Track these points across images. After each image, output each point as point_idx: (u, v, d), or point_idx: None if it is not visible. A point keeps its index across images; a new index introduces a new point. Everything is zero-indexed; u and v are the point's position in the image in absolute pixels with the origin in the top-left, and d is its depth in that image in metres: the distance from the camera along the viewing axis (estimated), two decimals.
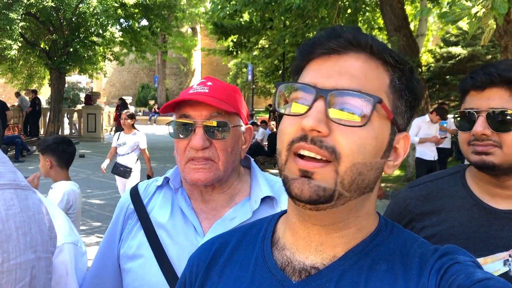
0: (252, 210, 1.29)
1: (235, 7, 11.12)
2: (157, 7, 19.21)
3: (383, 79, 0.75)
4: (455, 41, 21.05)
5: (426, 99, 9.88)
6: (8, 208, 0.88)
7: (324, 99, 0.71)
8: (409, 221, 1.41)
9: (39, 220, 1.00)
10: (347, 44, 0.74)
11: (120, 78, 43.29)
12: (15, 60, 18.68)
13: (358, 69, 0.73)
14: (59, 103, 18.84)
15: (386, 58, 0.75)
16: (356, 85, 0.72)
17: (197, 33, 36.41)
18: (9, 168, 0.96)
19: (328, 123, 0.70)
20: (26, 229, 0.92)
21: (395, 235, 0.79)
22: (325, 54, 0.76)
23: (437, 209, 1.37)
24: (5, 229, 0.85)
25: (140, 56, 22.01)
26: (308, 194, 0.70)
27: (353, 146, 0.70)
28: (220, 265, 0.88)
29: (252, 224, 0.93)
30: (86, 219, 7.44)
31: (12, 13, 14.46)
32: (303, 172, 0.71)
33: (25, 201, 0.95)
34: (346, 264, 0.75)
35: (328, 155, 0.70)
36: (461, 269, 0.70)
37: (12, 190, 0.91)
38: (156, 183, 1.39)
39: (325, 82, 0.73)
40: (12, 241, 0.86)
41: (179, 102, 1.26)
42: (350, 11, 12.02)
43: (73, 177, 11.41)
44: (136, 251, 1.31)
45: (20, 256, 0.88)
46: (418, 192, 1.43)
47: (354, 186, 0.72)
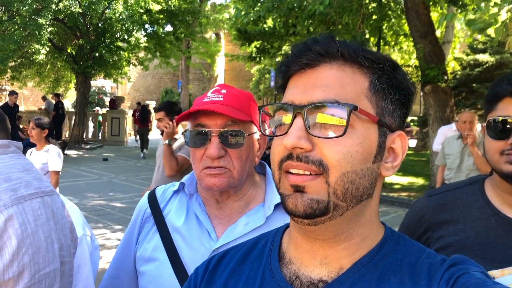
0: (266, 216, 1.30)
1: (259, 13, 11.13)
2: (181, 13, 19.46)
3: (361, 83, 0.75)
4: (482, 48, 20.66)
5: (452, 107, 9.68)
6: (37, 219, 0.88)
7: (302, 115, 0.71)
8: (425, 230, 1.39)
9: (63, 224, 1.01)
10: (317, 57, 0.74)
11: (144, 83, 43.87)
12: (43, 65, 19.11)
13: (332, 79, 0.73)
14: (84, 106, 19.17)
15: (360, 61, 0.75)
16: (332, 95, 0.72)
17: (221, 39, 36.68)
18: (33, 175, 0.96)
19: (309, 138, 0.71)
20: (53, 237, 0.93)
21: (402, 246, 0.78)
22: (299, 69, 0.76)
23: (454, 219, 1.35)
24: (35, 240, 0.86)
25: (164, 61, 22.30)
26: (302, 208, 0.71)
27: (338, 156, 0.70)
28: (224, 277, 0.87)
29: (257, 238, 0.93)
30: (108, 222, 7.51)
31: (41, 19, 14.81)
32: (295, 187, 0.72)
33: (51, 208, 0.95)
34: (354, 276, 0.74)
35: (316, 169, 0.70)
36: (470, 279, 0.69)
37: (39, 199, 0.92)
38: (173, 188, 1.42)
39: (301, 98, 0.73)
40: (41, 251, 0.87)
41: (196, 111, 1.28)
42: (375, 17, 11.91)
43: (96, 180, 11.69)
44: (152, 254, 1.33)
45: (50, 265, 0.89)
46: (436, 201, 1.41)
47: (349, 195, 0.72)
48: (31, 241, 0.84)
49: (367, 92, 0.74)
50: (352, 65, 0.75)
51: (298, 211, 0.71)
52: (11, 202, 0.83)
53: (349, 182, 0.71)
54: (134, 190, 10.23)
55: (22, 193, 0.87)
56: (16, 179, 0.89)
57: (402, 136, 0.77)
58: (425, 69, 9.29)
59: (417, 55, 9.90)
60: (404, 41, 15.10)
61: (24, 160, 0.98)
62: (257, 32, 13.76)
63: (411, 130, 22.99)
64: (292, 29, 11.87)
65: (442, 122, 9.24)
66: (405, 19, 10.45)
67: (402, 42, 15.12)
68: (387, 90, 0.76)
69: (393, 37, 14.13)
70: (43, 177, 1.00)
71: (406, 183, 11.99)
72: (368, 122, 0.73)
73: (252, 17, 11.80)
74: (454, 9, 11.16)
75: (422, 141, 20.23)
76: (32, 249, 0.84)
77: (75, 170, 12.87)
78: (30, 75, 20.94)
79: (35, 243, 0.85)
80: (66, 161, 14.57)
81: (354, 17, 10.88)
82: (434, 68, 9.12)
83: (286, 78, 0.79)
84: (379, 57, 0.76)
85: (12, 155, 0.95)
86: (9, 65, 17.07)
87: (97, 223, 7.44)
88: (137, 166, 14.08)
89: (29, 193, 0.89)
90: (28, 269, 0.82)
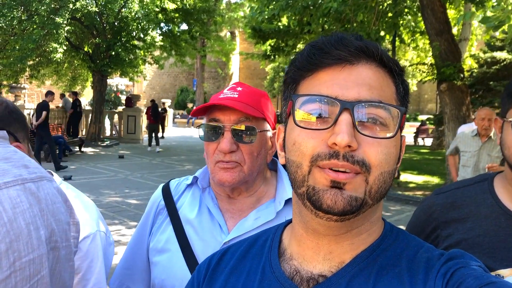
0: (276, 211, 1.32)
1: (273, 11, 11.14)
2: (196, 11, 19.56)
3: (392, 88, 0.76)
4: (500, 45, 20.36)
5: (468, 105, 9.57)
6: (15, 206, 0.87)
7: (351, 112, 0.69)
8: (434, 229, 1.38)
9: (55, 210, 0.99)
10: (359, 53, 0.73)
11: (160, 81, 44.17)
12: (60, 63, 19.36)
13: (374, 79, 0.73)
14: (101, 105, 19.40)
15: (392, 67, 0.76)
16: (376, 96, 0.72)
17: (236, 37, 36.74)
18: (14, 163, 0.95)
19: (356, 136, 0.70)
20: (38, 223, 0.91)
21: (401, 240, 0.79)
22: (335, 63, 0.73)
23: (463, 217, 1.33)
24: (14, 228, 0.85)
25: (180, 60, 22.45)
26: (342, 205, 0.69)
27: (381, 156, 0.71)
28: (225, 274, 0.88)
29: (258, 235, 0.93)
30: (123, 219, 7.62)
31: (59, 18, 15.02)
32: (335, 183, 0.69)
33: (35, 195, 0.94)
34: (354, 270, 0.75)
35: (359, 169, 0.69)
36: (468, 273, 0.69)
37: (18, 187, 0.90)
38: (187, 181, 1.46)
39: (346, 94, 0.71)
40: (23, 238, 0.86)
41: (210, 106, 1.31)
42: (390, 15, 11.83)
43: (112, 177, 11.82)
44: (165, 245, 1.37)
45: (33, 252, 0.88)
46: (444, 200, 1.39)
47: (378, 193, 0.73)
48: (7, 229, 0.83)
49: (396, 97, 0.76)
50: (383, 68, 0.75)
51: (337, 207, 0.69)
52: None
53: (383, 182, 0.72)
54: (149, 187, 10.34)
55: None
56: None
57: (404, 140, 0.80)
58: (440, 67, 9.21)
59: (432, 53, 9.81)
60: (420, 39, 14.97)
61: (5, 149, 0.97)
62: (272, 30, 13.78)
63: (427, 129, 22.77)
64: (307, 27, 11.85)
65: (458, 121, 9.16)
66: (421, 16, 10.36)
67: (418, 39, 15.00)
68: (404, 96, 0.78)
69: (409, 35, 14.02)
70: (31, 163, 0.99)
71: (421, 181, 11.91)
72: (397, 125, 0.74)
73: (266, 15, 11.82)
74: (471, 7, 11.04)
75: (437, 139, 20.03)
76: (10, 237, 0.83)
77: (92, 167, 13.05)
78: (48, 74, 21.24)
79: (13, 231, 0.84)
80: (82, 158, 14.82)
81: (369, 15, 10.83)
82: (450, 66, 9.04)
83: (312, 70, 0.76)
84: (400, 64, 0.77)
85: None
86: (28, 63, 17.34)
87: (113, 219, 7.55)
88: (153, 164, 14.21)
89: (5, 181, 0.88)
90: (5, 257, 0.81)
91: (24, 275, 0.86)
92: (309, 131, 0.72)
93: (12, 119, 1.47)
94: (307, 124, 0.73)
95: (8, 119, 1.47)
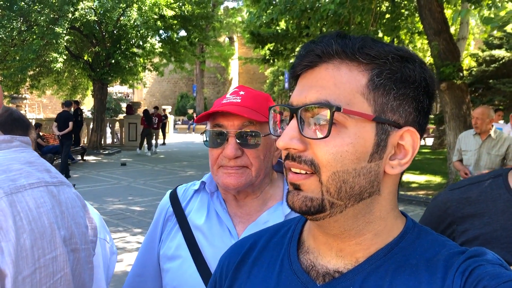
0: (285, 214, 1.33)
1: (272, 16, 11.19)
2: (195, 18, 19.65)
3: (357, 81, 0.73)
4: (498, 44, 20.38)
5: (468, 104, 9.59)
6: (39, 206, 0.92)
7: (296, 116, 0.73)
8: (449, 224, 1.39)
9: (74, 214, 1.04)
10: (316, 58, 0.75)
11: (160, 88, 44.23)
12: (61, 73, 19.43)
13: (326, 79, 0.73)
14: (102, 113, 19.44)
15: (358, 59, 0.74)
16: (324, 96, 0.72)
17: (234, 42, 36.82)
18: (37, 167, 1.00)
19: (302, 139, 0.73)
20: (60, 223, 0.96)
21: (422, 239, 0.77)
22: (302, 71, 0.78)
23: (479, 212, 1.34)
24: (38, 226, 0.89)
25: (179, 66, 22.50)
26: (298, 205, 0.74)
27: (328, 156, 0.71)
28: (249, 265, 0.90)
29: (281, 224, 0.95)
30: (128, 226, 7.63)
31: (58, 28, 15.09)
32: (294, 185, 0.75)
33: (56, 197, 0.98)
34: (370, 268, 0.75)
35: (308, 168, 0.73)
36: (487, 271, 0.68)
37: (42, 188, 0.95)
38: (194, 187, 1.46)
39: (298, 99, 0.75)
40: (46, 236, 0.90)
41: (214, 112, 1.32)
42: (388, 16, 11.86)
43: (115, 184, 11.81)
44: (175, 252, 1.37)
45: (56, 250, 0.92)
46: (459, 195, 1.40)
47: (343, 194, 0.73)
48: (32, 227, 0.87)
49: (363, 90, 0.72)
50: (349, 63, 0.74)
51: (295, 208, 0.75)
52: (10, 191, 0.87)
53: (341, 181, 0.72)
54: (152, 193, 10.36)
55: (22, 182, 0.91)
56: (16, 170, 0.93)
57: (411, 131, 0.74)
58: (440, 67, 9.23)
59: (431, 53, 9.83)
60: (418, 39, 15.00)
61: (29, 154, 1.02)
62: (270, 34, 13.81)
63: (427, 128, 22.77)
64: (305, 30, 11.90)
65: (459, 120, 9.18)
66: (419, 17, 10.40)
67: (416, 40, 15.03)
68: (389, 85, 0.73)
69: (407, 35, 14.05)
70: (52, 169, 1.05)
71: (423, 181, 11.91)
72: (362, 121, 0.72)
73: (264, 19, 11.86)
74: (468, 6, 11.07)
75: (438, 139, 20.02)
76: (34, 234, 0.88)
77: (94, 175, 13.07)
78: (49, 83, 21.30)
79: (37, 229, 0.89)
80: (85, 166, 14.83)
81: (366, 16, 10.87)
82: (449, 65, 9.06)
83: (294, 78, 0.81)
84: (381, 51, 0.74)
85: (16, 149, 0.99)
86: (28, 74, 17.40)
87: (117, 226, 7.56)
88: (155, 170, 14.23)
89: (30, 182, 0.93)
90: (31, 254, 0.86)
91: (48, 272, 0.90)
92: None
93: (14, 126, 1.53)
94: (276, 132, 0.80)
95: (11, 126, 1.53)
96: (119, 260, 5.99)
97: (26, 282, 0.85)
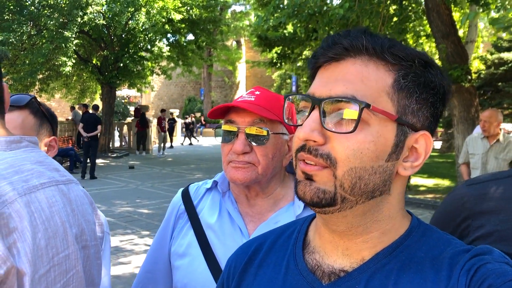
0: (296, 215, 1.34)
1: (279, 20, 11.20)
2: (202, 21, 19.73)
3: (384, 80, 0.73)
4: (507, 46, 20.26)
5: (477, 107, 9.54)
6: (51, 205, 0.93)
7: (319, 108, 0.72)
8: (465, 218, 1.38)
9: (84, 211, 1.06)
10: (343, 51, 0.75)
11: (167, 91, 44.43)
12: (69, 76, 19.60)
13: (353, 74, 0.73)
14: (110, 116, 19.56)
15: (386, 58, 0.74)
16: (351, 90, 0.72)
17: (242, 46, 36.89)
18: (47, 166, 1.01)
19: (323, 131, 0.72)
20: (71, 221, 0.98)
21: (428, 237, 0.78)
22: (326, 62, 0.77)
23: (496, 209, 1.32)
24: (51, 225, 0.91)
25: (187, 70, 22.61)
26: (309, 196, 0.73)
27: (348, 152, 0.71)
28: (255, 266, 0.90)
29: (286, 226, 0.95)
30: (136, 228, 7.67)
31: (67, 32, 15.22)
32: (306, 175, 0.74)
33: (67, 196, 1.00)
34: (375, 266, 0.75)
35: (323, 162, 0.72)
36: (492, 269, 0.68)
37: (53, 187, 0.97)
38: (206, 185, 1.48)
39: (321, 91, 0.74)
40: (59, 235, 0.92)
41: (227, 108, 1.36)
42: (395, 20, 11.84)
43: (123, 187, 11.87)
44: (186, 250, 1.39)
45: (68, 248, 0.94)
46: (477, 191, 1.38)
47: (357, 190, 0.73)
48: (46, 227, 0.89)
49: (389, 89, 0.73)
50: (377, 61, 0.74)
51: (306, 198, 0.74)
52: (24, 192, 0.88)
53: (357, 178, 0.72)
54: (160, 196, 10.40)
55: (34, 183, 0.92)
56: (28, 171, 0.94)
57: (426, 136, 0.76)
58: (448, 70, 9.19)
59: (439, 56, 9.80)
60: (426, 42, 14.95)
61: (38, 153, 1.03)
62: (278, 38, 13.84)
63: (436, 132, 22.62)
64: (313, 34, 11.91)
65: (467, 123, 9.13)
66: (426, 20, 10.37)
67: (424, 43, 14.98)
68: (412, 88, 0.74)
69: (414, 38, 14.01)
70: (60, 167, 1.06)
71: (431, 185, 11.86)
72: (385, 120, 0.72)
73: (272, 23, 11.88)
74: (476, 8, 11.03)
75: (447, 142, 19.92)
76: (48, 234, 0.89)
77: (103, 178, 13.14)
78: (58, 87, 21.47)
79: (51, 228, 0.90)
80: None
81: (375, 20, 10.86)
82: (457, 68, 9.02)
83: (315, 69, 0.80)
84: (408, 53, 0.74)
85: (25, 149, 1.00)
86: (38, 77, 17.56)
87: (125, 229, 7.60)
88: (163, 173, 14.28)
89: (41, 182, 0.94)
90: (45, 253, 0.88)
91: (61, 270, 0.92)
92: (297, 128, 0.77)
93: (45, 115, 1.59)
94: (294, 122, 0.79)
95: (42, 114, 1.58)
96: (127, 262, 6.02)
97: (41, 281, 0.87)
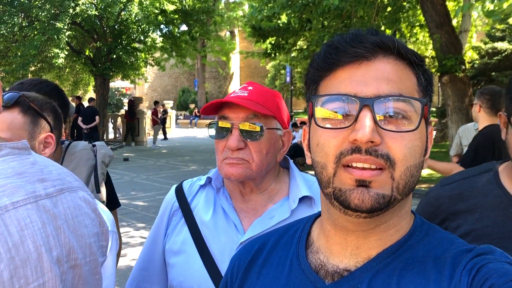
0: (291, 209, 1.33)
1: (274, 10, 11.16)
2: (196, 12, 19.60)
3: (412, 80, 0.75)
4: (501, 36, 20.30)
5: (470, 97, 9.56)
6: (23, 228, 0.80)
7: (371, 108, 0.69)
8: (442, 220, 1.38)
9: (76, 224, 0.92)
10: (375, 48, 0.73)
11: (161, 83, 44.24)
12: (62, 68, 19.48)
13: (392, 73, 0.72)
14: (104, 108, 19.46)
15: (411, 58, 0.75)
16: (396, 89, 0.71)
17: (235, 36, 36.71)
18: (28, 178, 0.87)
19: (379, 131, 0.70)
20: (52, 243, 0.84)
21: (430, 236, 0.78)
22: (352, 61, 0.73)
23: (471, 208, 1.33)
24: (20, 253, 0.78)
25: (180, 61, 22.50)
26: (369, 203, 0.69)
27: (405, 150, 0.70)
28: (258, 266, 0.90)
29: (289, 225, 0.94)
30: (131, 220, 7.66)
31: (59, 23, 15.09)
32: (360, 182, 0.69)
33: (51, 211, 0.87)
34: (379, 266, 0.75)
35: (384, 163, 0.69)
36: (494, 269, 0.68)
37: (29, 205, 0.83)
38: (200, 182, 1.46)
39: (365, 90, 0.71)
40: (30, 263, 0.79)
41: (220, 104, 1.34)
42: (390, 9, 11.82)
43: (118, 179, 11.84)
44: (181, 247, 1.38)
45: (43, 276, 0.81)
46: (451, 191, 1.39)
47: (407, 188, 0.72)
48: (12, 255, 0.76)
49: (417, 89, 0.75)
50: (402, 61, 0.75)
51: (365, 206, 0.69)
52: None
53: (410, 176, 0.71)
54: (155, 188, 10.39)
55: (3, 203, 0.79)
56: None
57: (432, 130, 0.79)
58: (442, 60, 9.20)
59: (433, 46, 9.81)
60: (419, 32, 14.94)
61: (21, 162, 0.88)
62: (272, 28, 13.77)
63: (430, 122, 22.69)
64: (307, 24, 11.86)
65: (461, 112, 9.16)
66: (420, 9, 10.36)
67: (418, 33, 14.97)
68: (427, 87, 0.77)
69: (408, 28, 13.99)
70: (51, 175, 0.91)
71: (425, 174, 11.90)
72: (422, 117, 0.73)
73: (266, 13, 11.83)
74: None
75: (441, 132, 19.99)
76: (14, 263, 0.76)
77: None
78: (50, 79, 21.24)
79: (19, 256, 0.77)
80: None
81: (368, 10, 10.83)
82: (451, 58, 9.03)
83: (330, 69, 0.76)
84: (419, 54, 0.77)
85: (5, 158, 0.87)
86: (30, 70, 17.42)
87: (120, 221, 7.59)
88: (157, 165, 14.25)
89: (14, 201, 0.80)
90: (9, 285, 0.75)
91: None
92: (331, 130, 0.72)
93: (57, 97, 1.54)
94: (329, 124, 0.73)
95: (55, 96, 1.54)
96: (123, 254, 6.03)
97: None
